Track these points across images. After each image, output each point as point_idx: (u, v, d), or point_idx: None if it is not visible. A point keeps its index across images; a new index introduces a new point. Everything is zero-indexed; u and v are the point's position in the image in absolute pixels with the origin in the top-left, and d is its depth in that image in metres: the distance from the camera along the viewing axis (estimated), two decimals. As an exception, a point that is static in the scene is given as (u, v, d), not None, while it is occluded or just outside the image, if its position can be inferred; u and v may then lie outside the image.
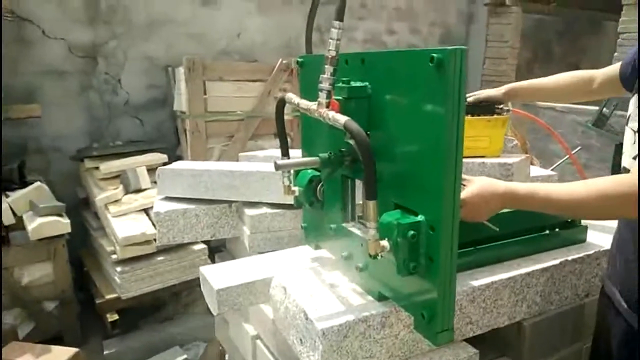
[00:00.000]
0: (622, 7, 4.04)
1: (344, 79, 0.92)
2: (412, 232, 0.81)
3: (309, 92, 1.12)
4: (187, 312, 2.86)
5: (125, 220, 2.44)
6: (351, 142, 0.79)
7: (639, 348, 1.04)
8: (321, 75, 0.88)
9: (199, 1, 3.49)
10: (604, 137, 3.73)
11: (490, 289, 1.11)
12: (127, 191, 2.59)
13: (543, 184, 1.02)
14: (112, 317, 2.39)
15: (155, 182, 2.74)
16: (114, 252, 2.39)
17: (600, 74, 1.37)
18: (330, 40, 0.86)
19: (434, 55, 0.73)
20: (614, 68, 1.29)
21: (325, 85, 0.87)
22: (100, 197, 2.52)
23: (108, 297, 2.42)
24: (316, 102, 0.91)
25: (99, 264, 2.64)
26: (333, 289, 1.07)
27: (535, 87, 1.46)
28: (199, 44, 3.49)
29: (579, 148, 3.69)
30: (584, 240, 1.34)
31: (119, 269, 2.35)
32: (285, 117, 2.95)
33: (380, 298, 1.00)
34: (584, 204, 0.92)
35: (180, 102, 2.82)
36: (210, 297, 1.22)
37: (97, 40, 3.15)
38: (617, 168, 3.13)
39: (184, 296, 2.92)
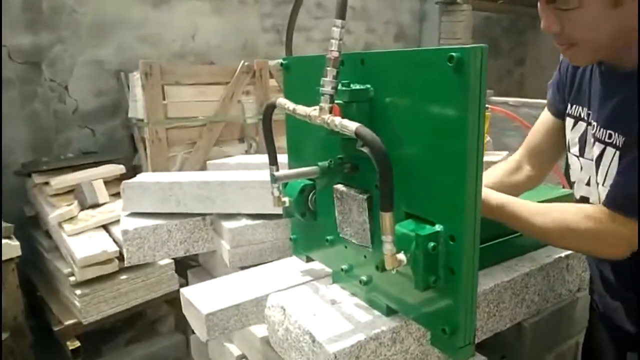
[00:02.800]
0: (567, 4, 4.22)
1: (344, 81, 0.86)
2: (432, 244, 0.75)
3: (295, 95, 1.04)
4: (154, 331, 2.70)
5: (82, 239, 2.26)
6: (364, 150, 0.73)
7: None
8: (323, 79, 0.81)
9: (151, 2, 3.32)
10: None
11: (493, 293, 1.08)
12: (83, 207, 2.41)
13: (515, 199, 0.98)
14: (73, 344, 2.20)
15: (113, 196, 2.58)
16: (72, 274, 2.20)
17: (524, 149, 1.20)
18: (332, 41, 0.79)
19: (453, 54, 0.68)
20: (543, 126, 1.15)
21: (327, 89, 0.80)
22: (53, 214, 2.32)
23: (67, 322, 2.23)
24: (315, 108, 0.84)
25: (54, 288, 2.44)
26: (335, 305, 1.00)
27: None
28: (152, 47, 3.31)
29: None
30: (572, 235, 1.35)
31: (78, 291, 2.17)
32: (250, 121, 2.86)
33: (389, 312, 0.94)
34: (547, 233, 0.91)
35: (136, 109, 2.66)
36: (197, 322, 1.12)
37: (40, 45, 2.92)
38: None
39: (149, 314, 2.76)
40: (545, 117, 1.16)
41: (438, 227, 0.77)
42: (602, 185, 0.95)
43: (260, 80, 2.78)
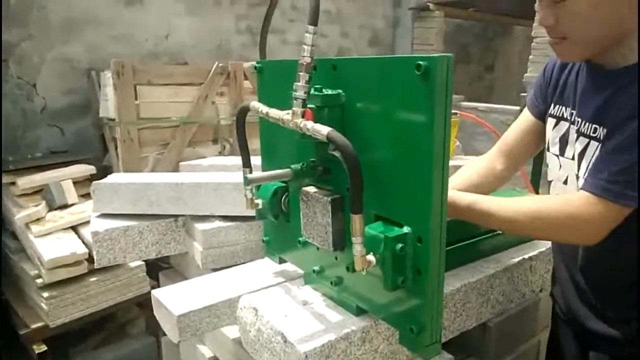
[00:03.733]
0: (535, 13, 4.35)
1: (316, 86, 0.88)
2: (400, 245, 0.78)
3: (268, 99, 1.06)
4: (124, 334, 2.66)
5: (50, 240, 2.20)
6: (336, 153, 0.75)
7: None
8: (295, 83, 0.83)
9: (123, 0, 3.27)
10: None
11: (460, 293, 1.11)
12: (50, 207, 2.35)
13: (483, 197, 1.00)
14: (40, 348, 2.15)
15: (83, 197, 2.53)
16: (39, 276, 2.15)
17: (497, 149, 1.24)
18: (304, 47, 0.81)
19: (421, 63, 0.71)
20: (524, 120, 1.19)
21: (300, 93, 0.82)
22: (19, 215, 2.26)
23: (33, 326, 2.17)
24: (288, 112, 0.86)
25: (20, 290, 2.37)
26: (307, 306, 1.02)
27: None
28: (124, 46, 3.27)
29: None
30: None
31: (45, 294, 2.12)
32: (224, 123, 2.85)
33: (358, 312, 0.96)
34: (520, 224, 0.92)
35: (108, 109, 2.61)
36: (168, 324, 1.12)
37: (7, 41, 2.84)
38: (538, 163, 3.27)
39: (119, 317, 2.72)
40: (525, 118, 1.19)
41: (406, 229, 0.80)
42: (583, 178, 0.97)
43: (234, 82, 2.78)
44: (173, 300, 1.13)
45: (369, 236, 0.80)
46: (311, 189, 0.96)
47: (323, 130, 0.76)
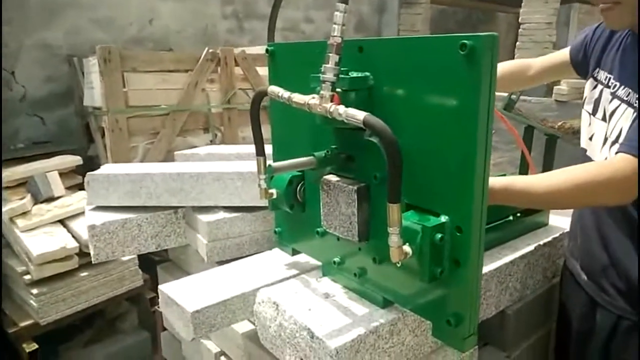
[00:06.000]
0: (522, 0, 4.36)
1: (342, 68, 0.83)
2: (439, 235, 0.75)
3: (282, 83, 1.00)
4: (115, 330, 2.58)
5: (38, 235, 2.12)
6: (373, 139, 0.71)
7: None
8: (324, 65, 0.77)
9: (105, -17, 3.14)
10: (513, 120, 4.01)
11: (481, 282, 1.09)
12: (36, 201, 2.26)
13: (517, 177, 1.01)
14: (30, 346, 2.07)
15: (69, 189, 2.44)
16: (27, 273, 2.06)
17: (539, 61, 1.42)
18: (334, 26, 0.76)
19: (466, 42, 0.66)
20: (560, 55, 1.34)
21: (329, 76, 0.77)
22: (4, 209, 2.16)
23: (22, 324, 2.09)
24: (314, 96, 0.81)
25: (6, 287, 2.28)
26: (329, 299, 0.98)
27: None
28: (106, 31, 3.14)
29: (492, 132, 3.93)
30: (546, 224, 1.39)
31: (34, 291, 2.04)
32: (214, 111, 2.78)
33: (385, 304, 0.93)
34: (561, 194, 0.92)
35: (93, 97, 2.51)
36: (180, 321, 1.07)
37: (-18, 27, 2.70)
38: (528, 148, 3.34)
39: (109, 312, 2.64)
40: (562, 54, 1.32)
41: (443, 218, 0.76)
42: (609, 139, 1.04)
43: (225, 68, 2.69)
44: (184, 296, 1.08)
45: (404, 226, 0.76)
46: (333, 178, 0.91)
47: (359, 115, 0.72)
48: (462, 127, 0.70)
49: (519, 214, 1.31)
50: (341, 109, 0.75)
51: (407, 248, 0.76)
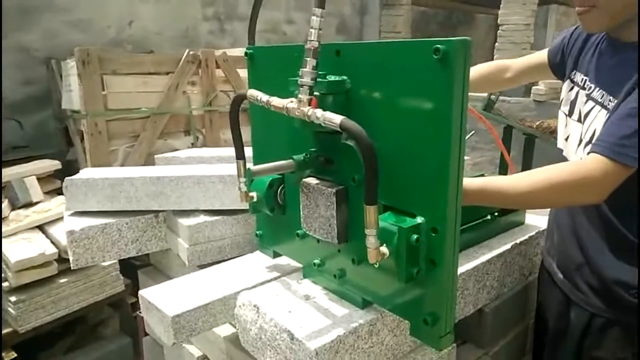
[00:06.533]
0: (500, 1, 4.43)
1: (320, 72, 0.84)
2: (415, 236, 0.76)
3: (262, 86, 1.01)
4: (97, 336, 2.55)
5: (16, 241, 2.08)
6: (350, 142, 0.72)
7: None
8: (302, 69, 0.78)
9: (83, -16, 3.10)
10: (492, 120, 4.07)
11: (459, 281, 1.11)
12: (14, 206, 2.22)
13: (493, 177, 1.03)
14: (9, 355, 2.03)
15: (48, 194, 2.40)
16: (5, 280, 2.03)
17: (517, 63, 1.44)
18: (311, 30, 0.77)
19: (439, 46, 0.68)
20: (538, 57, 1.37)
21: (306, 80, 0.78)
22: (-21, 216, 2.12)
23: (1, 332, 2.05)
24: (292, 100, 0.81)
25: (-18, 294, 2.24)
26: (309, 300, 0.99)
27: None
28: (85, 33, 3.11)
29: (472, 132, 3.99)
30: (522, 223, 1.42)
31: (13, 298, 2.00)
32: (196, 113, 2.76)
33: (364, 305, 0.94)
34: (536, 194, 0.94)
35: (71, 100, 2.47)
36: (161, 326, 1.07)
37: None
38: (507, 147, 3.46)
39: (90, 318, 2.60)
40: (541, 55, 1.34)
41: (419, 219, 0.78)
42: (584, 140, 1.07)
43: (206, 71, 2.68)
44: (165, 300, 1.08)
45: (381, 228, 0.77)
46: (312, 181, 0.92)
47: (336, 118, 0.73)
48: (436, 129, 0.72)
49: (496, 214, 1.34)
50: (319, 112, 0.76)
51: (384, 249, 0.77)
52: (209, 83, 2.69)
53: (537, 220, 1.42)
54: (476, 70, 1.49)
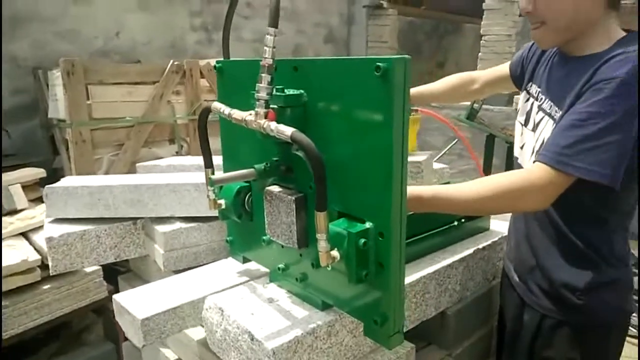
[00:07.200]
0: (484, 12, 4.52)
1: (278, 86, 0.89)
2: (363, 240, 0.81)
3: (229, 99, 1.06)
4: (82, 342, 2.57)
5: None
6: (300, 153, 0.77)
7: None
8: (258, 84, 0.83)
9: (70, -5, 3.15)
10: (475, 128, 4.14)
11: (419, 284, 1.16)
12: (-2, 214, 2.25)
13: (445, 186, 1.07)
14: (-9, 361, 2.06)
15: (33, 201, 2.43)
16: (-12, 286, 2.05)
17: (482, 74, 1.51)
18: (265, 48, 0.82)
19: (380, 64, 0.73)
20: (501, 69, 1.43)
21: (262, 94, 0.83)
22: (-37, 223, 2.14)
23: (-17, 338, 2.08)
24: (251, 113, 0.86)
25: (-34, 301, 2.26)
26: (273, 303, 1.03)
27: (424, 93, 1.56)
28: (72, 44, 3.15)
29: (455, 141, 4.06)
30: (487, 229, 1.47)
31: (-5, 304, 2.03)
32: (180, 122, 2.80)
33: (324, 307, 0.99)
34: (483, 201, 0.99)
35: (57, 109, 2.51)
36: (132, 329, 1.11)
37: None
38: (489, 155, 3.56)
39: (75, 324, 2.62)
40: (504, 68, 1.41)
41: (368, 225, 0.82)
42: (535, 148, 1.12)
43: (190, 80, 2.73)
44: (135, 304, 1.12)
45: (333, 233, 0.82)
46: (275, 189, 0.97)
47: (287, 130, 0.78)
48: (379, 140, 0.77)
49: (462, 220, 1.39)
50: (273, 125, 0.81)
51: (335, 253, 0.82)
52: (194, 92, 2.74)
53: (501, 226, 1.48)
54: (445, 82, 1.56)
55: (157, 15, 3.58)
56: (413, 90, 1.59)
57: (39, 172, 2.50)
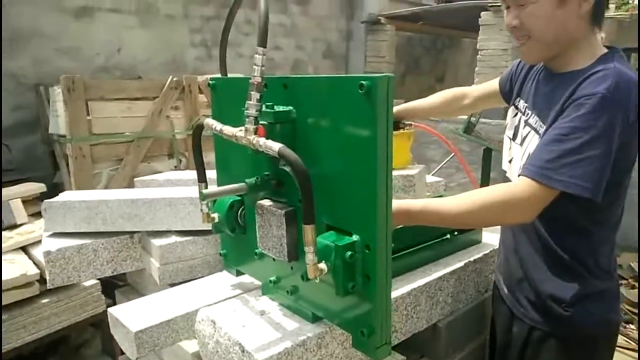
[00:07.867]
0: (480, 27, 4.58)
1: (268, 103, 0.92)
2: (349, 253, 0.83)
3: (222, 115, 1.10)
4: (80, 356, 2.57)
5: (-2, 262, 2.13)
6: (286, 168, 0.79)
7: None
8: (247, 102, 0.86)
9: (71, 13, 3.21)
10: (473, 142, 4.17)
11: (410, 296, 1.17)
12: (-2, 228, 2.27)
13: (434, 199, 1.10)
14: (-11, 375, 2.06)
15: (32, 216, 2.46)
16: (-13, 300, 2.07)
17: (474, 90, 1.53)
18: (254, 67, 0.85)
19: (363, 82, 0.76)
20: (491, 85, 1.46)
21: (252, 111, 0.86)
22: (-37, 238, 2.17)
23: (-19, 353, 2.08)
24: (241, 129, 0.89)
25: (-35, 316, 2.27)
26: (264, 316, 1.05)
27: (417, 108, 1.59)
28: (74, 60, 3.21)
29: (452, 154, 4.09)
30: (479, 241, 1.49)
31: (-6, 318, 2.04)
32: (179, 137, 2.84)
33: (314, 319, 1.00)
34: (469, 214, 1.00)
35: (58, 125, 2.55)
36: (126, 341, 1.12)
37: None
38: (487, 169, 3.57)
39: (73, 339, 2.63)
40: (493, 84, 1.44)
41: (355, 237, 0.85)
42: (522, 162, 1.14)
43: (189, 96, 2.78)
44: (130, 317, 1.13)
45: (321, 246, 0.84)
46: (266, 202, 0.99)
47: (274, 146, 0.80)
48: (364, 155, 0.79)
49: (455, 233, 1.41)
50: (261, 140, 0.84)
51: (322, 265, 0.84)
52: (192, 108, 2.78)
53: (493, 238, 1.49)
54: (438, 97, 1.58)
55: (157, 32, 3.64)
56: (406, 106, 1.63)
57: (39, 187, 2.54)
